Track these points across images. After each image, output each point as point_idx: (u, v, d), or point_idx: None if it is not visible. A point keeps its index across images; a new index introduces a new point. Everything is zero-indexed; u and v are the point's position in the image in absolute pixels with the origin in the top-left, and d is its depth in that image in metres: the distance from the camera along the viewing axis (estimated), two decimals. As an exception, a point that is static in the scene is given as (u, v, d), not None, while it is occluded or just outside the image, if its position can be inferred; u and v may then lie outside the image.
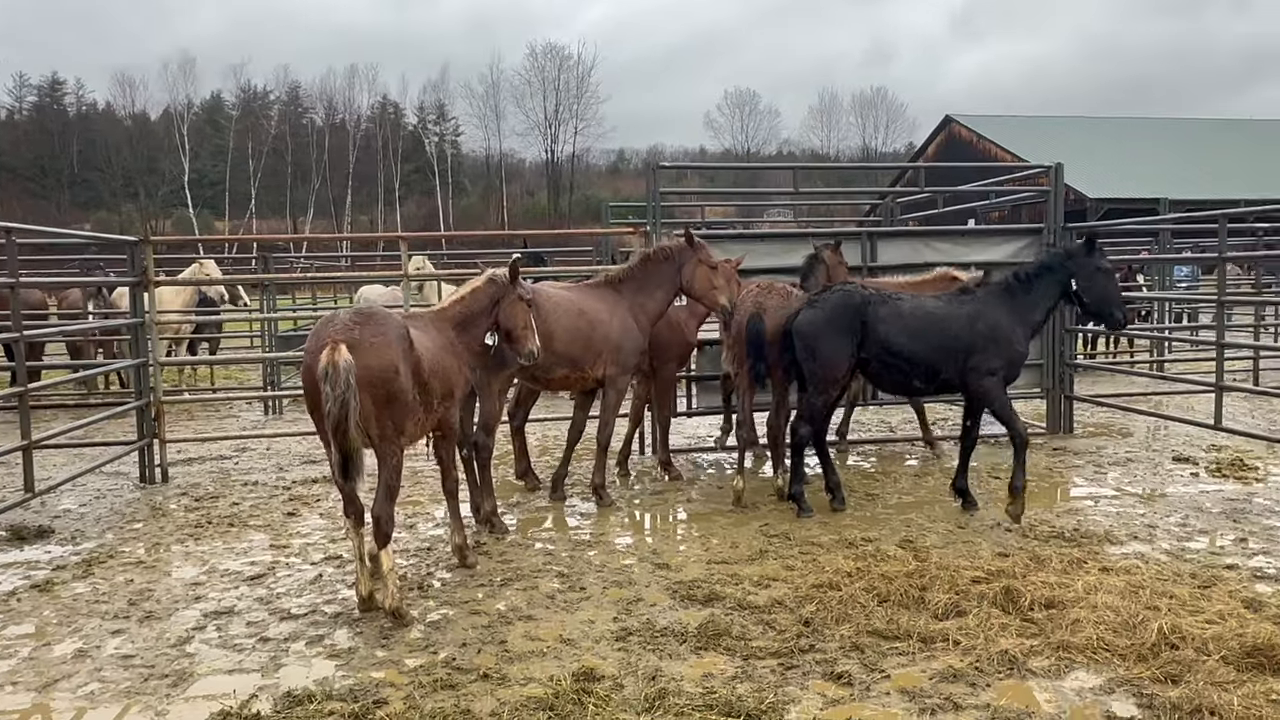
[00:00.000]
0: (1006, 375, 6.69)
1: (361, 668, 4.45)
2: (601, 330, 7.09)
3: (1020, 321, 6.67)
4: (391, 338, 4.92)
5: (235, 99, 72.24)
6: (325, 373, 4.57)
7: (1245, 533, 6.30)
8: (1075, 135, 37.06)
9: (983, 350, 6.54)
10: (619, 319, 7.19)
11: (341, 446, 4.63)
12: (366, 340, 4.79)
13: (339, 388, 4.53)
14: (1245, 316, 15.28)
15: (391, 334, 4.94)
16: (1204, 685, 3.93)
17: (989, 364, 6.55)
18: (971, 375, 6.60)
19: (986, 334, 6.56)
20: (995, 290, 6.79)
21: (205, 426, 11.93)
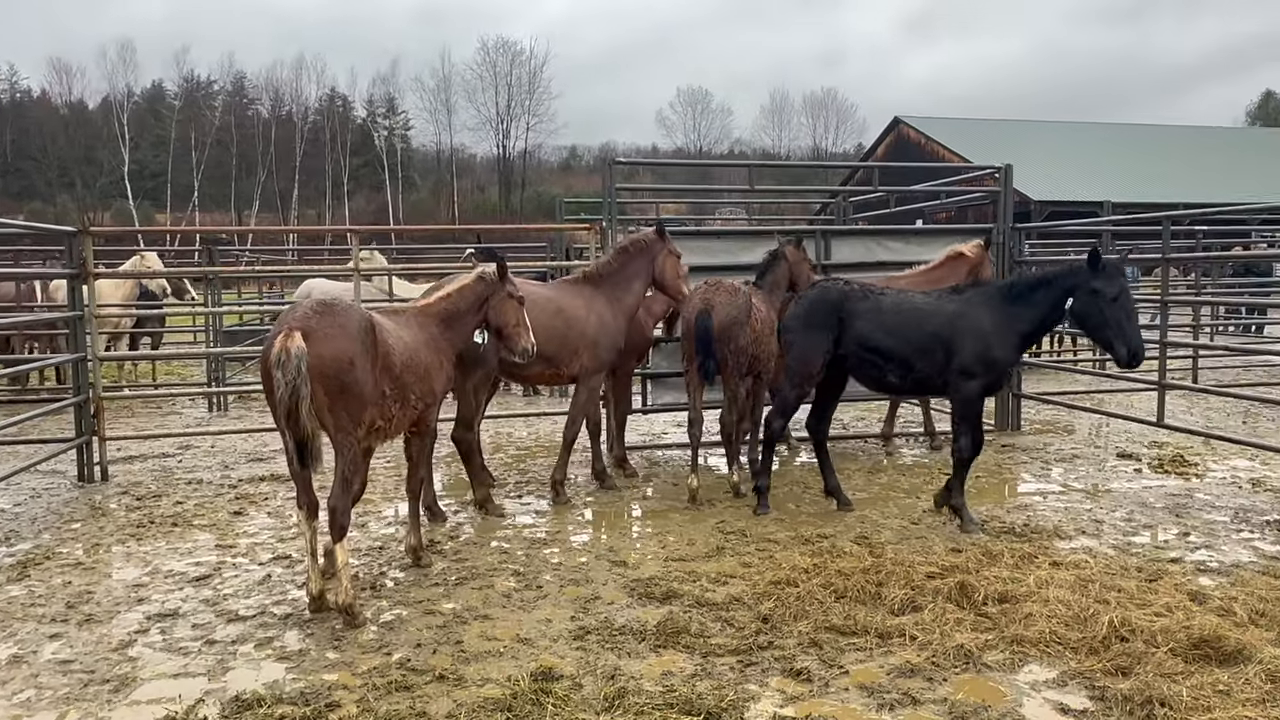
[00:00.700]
0: (988, 382, 6.47)
1: (313, 670, 4.34)
2: (578, 328, 7.11)
3: (1008, 328, 6.39)
4: (351, 330, 4.86)
5: (178, 88, 70.59)
6: (278, 359, 4.59)
7: (1187, 527, 6.46)
8: (1021, 138, 37.80)
9: (960, 351, 6.37)
10: (596, 315, 7.21)
11: (293, 433, 4.63)
12: (323, 329, 4.76)
13: (289, 374, 4.54)
14: (1183, 317, 15.69)
15: (351, 326, 4.88)
16: (1153, 677, 4.00)
17: (967, 366, 6.37)
18: (950, 376, 6.46)
19: (967, 334, 6.37)
20: (987, 292, 6.63)
21: (147, 423, 11.61)
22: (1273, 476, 7.92)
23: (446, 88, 73.20)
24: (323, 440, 4.84)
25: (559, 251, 14.11)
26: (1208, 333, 15.98)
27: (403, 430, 5.58)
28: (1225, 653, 4.18)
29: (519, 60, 73.37)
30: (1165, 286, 8.90)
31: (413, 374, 5.30)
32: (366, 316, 5.04)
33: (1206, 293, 14.79)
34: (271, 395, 4.74)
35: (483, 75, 73.10)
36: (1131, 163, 36.80)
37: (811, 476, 8.11)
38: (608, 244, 9.20)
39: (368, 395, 4.93)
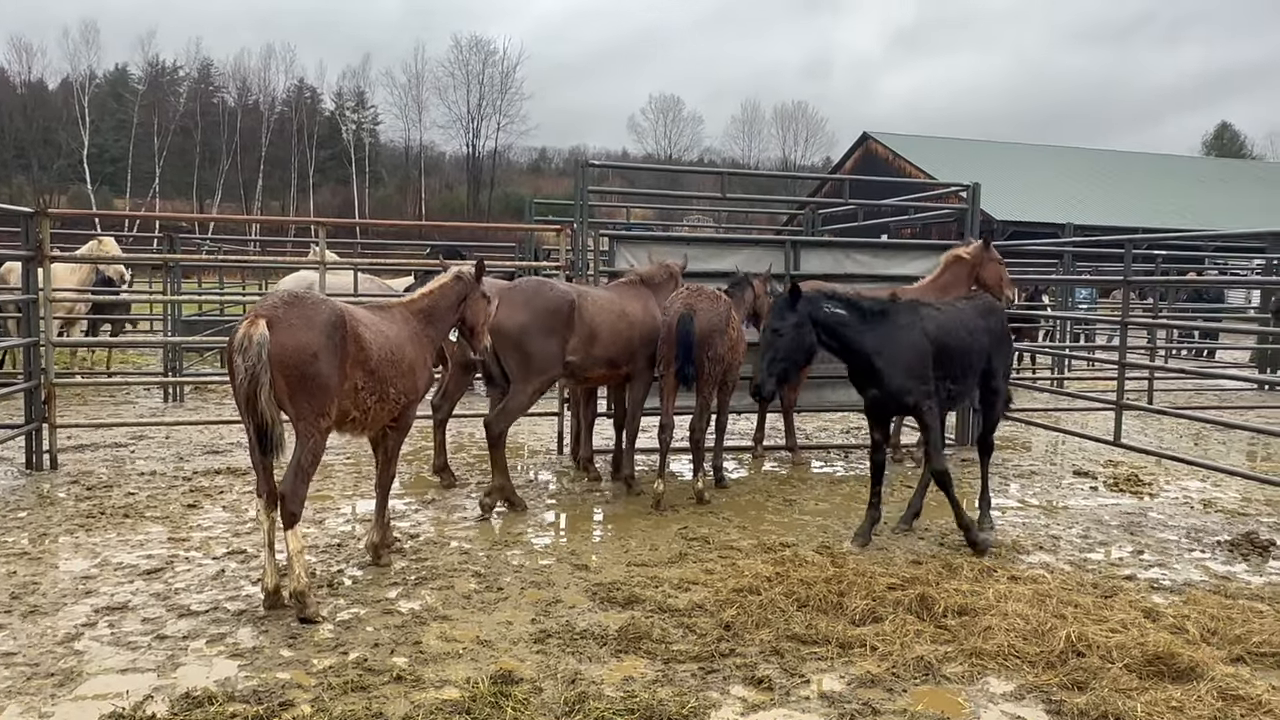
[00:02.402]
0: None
1: (266, 668, 4.25)
2: (638, 329, 7.42)
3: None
4: (317, 322, 4.84)
5: (142, 72, 69.19)
6: (241, 344, 4.64)
7: (1141, 545, 6.56)
8: (987, 158, 38.38)
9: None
10: (650, 316, 7.51)
11: (253, 420, 4.67)
12: (289, 320, 4.77)
13: (249, 360, 4.60)
14: (1139, 339, 16.02)
15: (319, 319, 4.86)
16: (1109, 692, 4.05)
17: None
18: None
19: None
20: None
21: (99, 412, 11.35)
22: (1223, 498, 8.08)
23: (418, 84, 72.65)
24: (285, 429, 4.78)
25: (528, 252, 14.04)
26: (1162, 355, 16.32)
27: (380, 424, 5.56)
28: (1178, 670, 4.24)
29: (492, 59, 73.05)
30: (1125, 308, 9.05)
31: (393, 369, 5.33)
32: (338, 310, 5.01)
33: (1163, 316, 15.09)
34: (234, 380, 4.75)
35: (454, 73, 72.63)
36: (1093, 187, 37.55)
37: (774, 485, 8.14)
38: (578, 246, 9.17)
39: (333, 388, 4.90)
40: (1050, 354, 16.09)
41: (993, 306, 6.85)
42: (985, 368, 6.57)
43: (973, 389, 6.63)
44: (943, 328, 6.27)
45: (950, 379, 6.27)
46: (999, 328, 6.71)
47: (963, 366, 6.34)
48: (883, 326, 6.06)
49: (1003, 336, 6.75)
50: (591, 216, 11.89)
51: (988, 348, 6.53)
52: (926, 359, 6.11)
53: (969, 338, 6.39)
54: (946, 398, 6.36)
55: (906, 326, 6.12)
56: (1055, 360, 16.03)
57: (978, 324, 6.51)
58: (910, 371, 6.05)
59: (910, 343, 6.08)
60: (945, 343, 6.21)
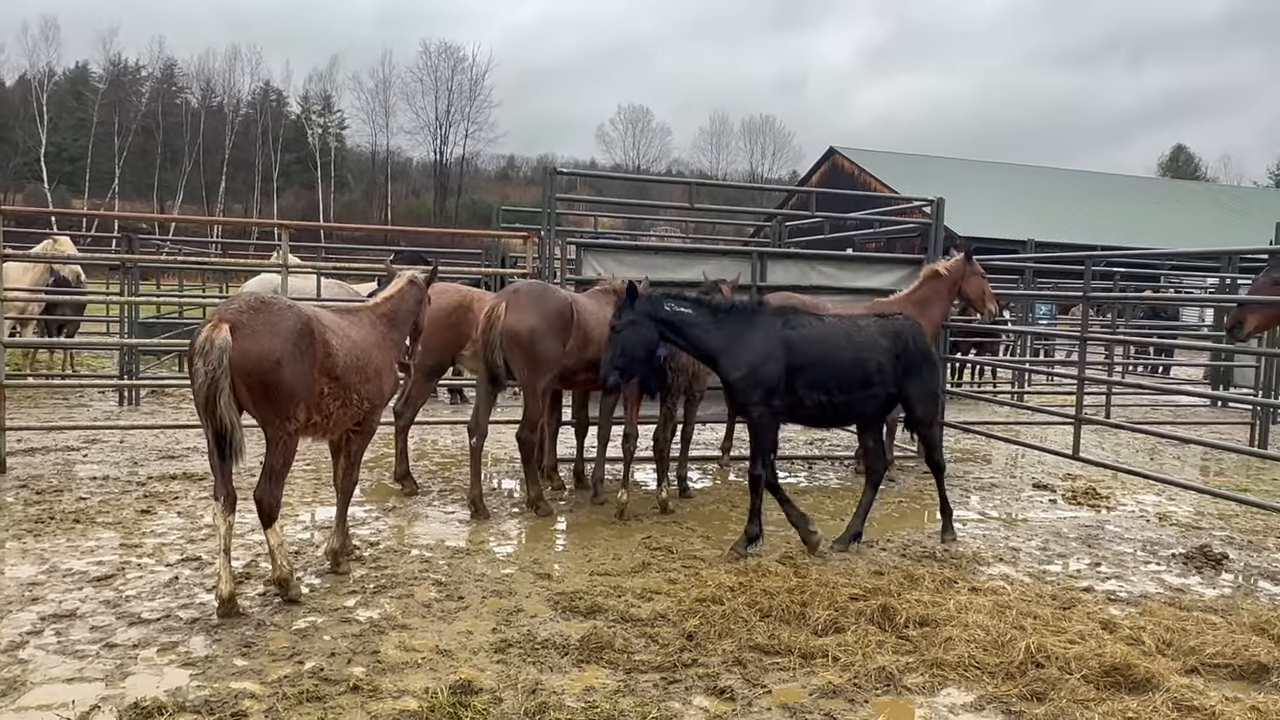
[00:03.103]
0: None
1: (219, 677, 4.15)
2: None
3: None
4: (283, 328, 4.79)
5: (103, 71, 68.02)
6: (202, 348, 4.59)
7: (1099, 557, 6.65)
8: (951, 175, 38.84)
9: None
10: None
11: (211, 424, 4.62)
12: (252, 326, 4.72)
13: (209, 364, 4.55)
14: (1097, 354, 16.27)
15: (285, 325, 4.81)
16: (1067, 703, 4.08)
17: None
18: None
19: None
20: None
21: (51, 415, 11.09)
22: (1178, 511, 8.22)
23: (385, 89, 72.20)
24: (244, 434, 4.71)
25: (495, 259, 13.97)
26: (1120, 371, 16.60)
27: (343, 429, 5.51)
28: (1135, 681, 4.29)
29: (461, 66, 72.81)
30: (1085, 324, 9.19)
31: (359, 374, 5.32)
32: (304, 317, 4.96)
33: (1121, 332, 15.35)
34: (194, 383, 4.68)
35: (423, 79, 72.30)
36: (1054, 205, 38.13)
37: (738, 495, 8.13)
38: (545, 254, 9.13)
39: (297, 394, 4.87)
40: (1011, 368, 16.28)
41: (904, 331, 6.60)
42: (894, 392, 6.47)
43: (866, 407, 6.46)
44: (811, 339, 6.23)
45: (822, 391, 6.21)
46: (911, 352, 6.51)
47: (840, 381, 6.24)
48: (735, 328, 6.13)
49: (917, 362, 6.52)
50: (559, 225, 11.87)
51: (890, 370, 6.40)
52: (777, 366, 6.09)
53: (852, 354, 6.28)
54: (818, 410, 6.31)
55: (762, 331, 6.14)
56: (1016, 374, 16.23)
57: (874, 343, 6.39)
58: (753, 375, 6.07)
59: (760, 347, 6.09)
60: (810, 354, 6.18)
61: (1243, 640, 4.76)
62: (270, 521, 4.97)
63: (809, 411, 6.34)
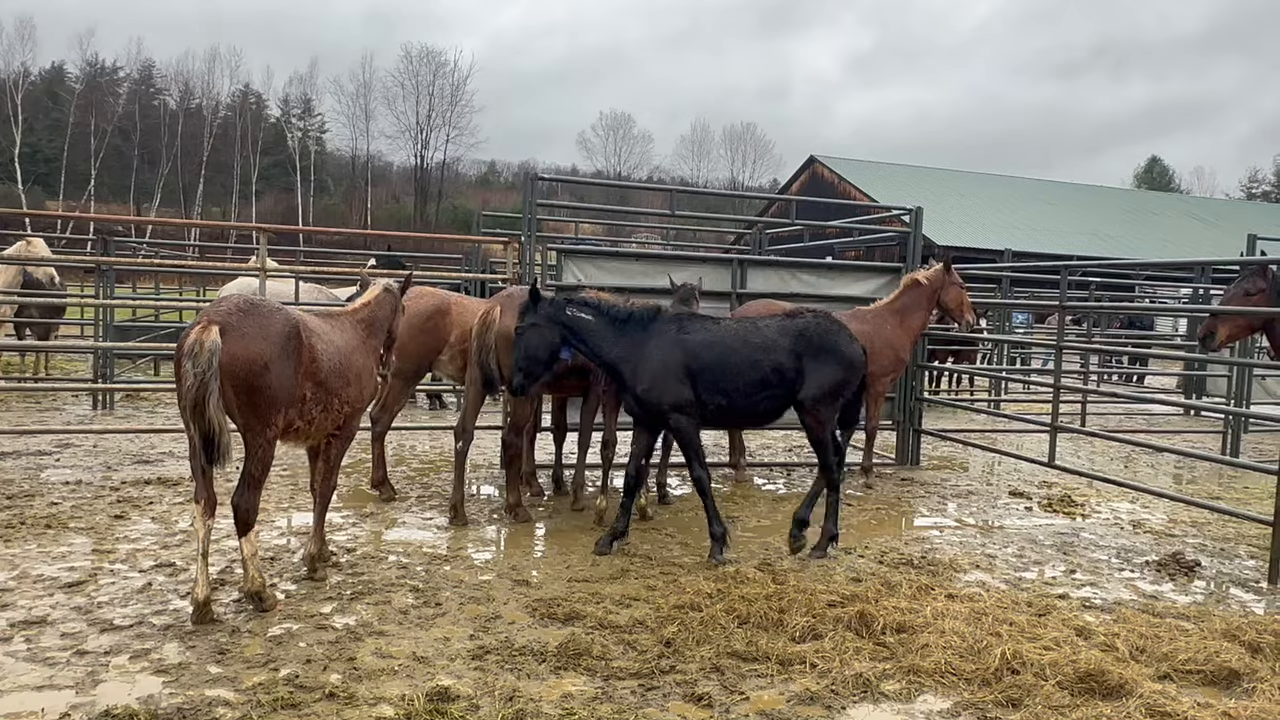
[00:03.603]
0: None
1: (193, 685, 4.11)
2: None
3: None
4: (272, 332, 4.77)
5: (80, 71, 67.37)
6: (191, 349, 4.53)
7: (1074, 564, 6.70)
8: (931, 184, 39.19)
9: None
10: None
11: (198, 427, 4.54)
12: (242, 328, 4.69)
13: (199, 366, 4.49)
14: (1073, 363, 16.44)
15: (274, 328, 4.79)
16: (1042, 709, 4.11)
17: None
18: None
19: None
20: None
21: (24, 418, 10.95)
22: (1151, 519, 8.30)
23: (366, 93, 71.89)
24: (231, 437, 4.66)
25: (475, 264, 13.93)
26: (1095, 379, 16.76)
27: (324, 434, 5.50)
28: (1109, 687, 4.32)
29: (442, 71, 72.65)
30: (1061, 333, 9.28)
31: (340, 379, 5.31)
32: (293, 320, 4.95)
33: (1096, 341, 15.50)
34: (180, 385, 4.62)
35: (404, 83, 72.03)
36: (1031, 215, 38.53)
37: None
38: (526, 260, 9.12)
39: (282, 399, 4.85)
40: (987, 376, 16.42)
41: (806, 329, 6.45)
42: (798, 391, 6.36)
43: (768, 407, 6.42)
44: (707, 342, 6.25)
45: (720, 394, 6.22)
46: (813, 350, 6.37)
47: (737, 383, 6.22)
48: (636, 335, 6.18)
49: (818, 360, 6.36)
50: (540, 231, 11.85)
51: (791, 369, 6.32)
52: (677, 371, 6.14)
53: (748, 355, 6.25)
54: (719, 412, 6.34)
55: (662, 337, 6.20)
56: (992, 382, 16.36)
57: (772, 344, 6.34)
58: (656, 381, 6.14)
59: (660, 353, 6.15)
60: (705, 358, 6.20)
61: (1214, 646, 4.81)
62: (246, 529, 4.91)
63: (710, 414, 6.36)
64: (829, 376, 6.40)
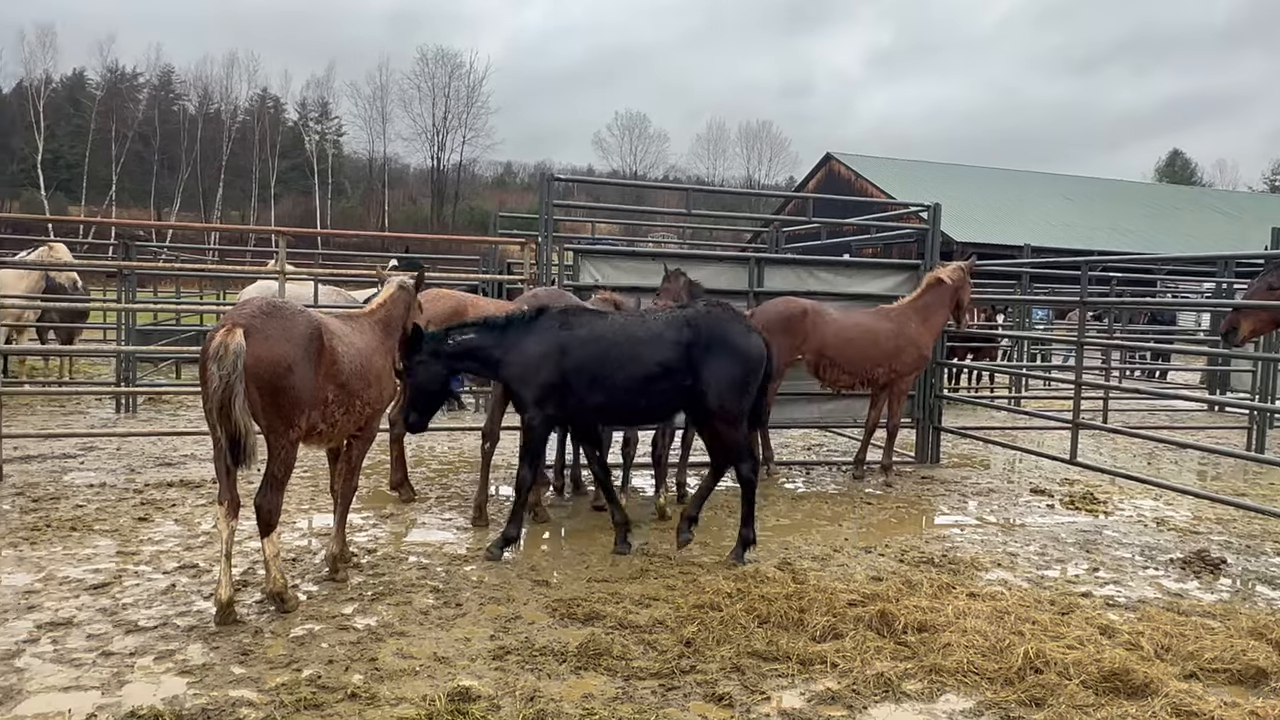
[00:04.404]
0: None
1: (216, 685, 4.14)
2: None
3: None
4: (296, 334, 4.82)
5: (100, 78, 68.08)
6: (216, 352, 4.58)
7: (1097, 562, 6.64)
8: (949, 180, 39.00)
9: None
10: None
11: (225, 429, 4.59)
12: (266, 330, 4.73)
13: (224, 369, 4.54)
14: (1095, 359, 16.31)
15: (297, 330, 4.84)
16: (1066, 708, 4.08)
17: None
18: None
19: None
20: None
21: (49, 422, 11.07)
22: (1175, 516, 8.22)
23: (383, 96, 72.28)
24: (256, 439, 4.71)
25: (492, 265, 13.97)
26: (1117, 375, 16.63)
27: (345, 436, 5.54)
28: (1133, 686, 4.29)
29: (458, 73, 72.92)
30: (1081, 329, 9.20)
31: (361, 381, 5.34)
32: (315, 323, 4.99)
33: (1118, 337, 15.37)
34: (206, 388, 4.67)
35: (420, 86, 72.41)
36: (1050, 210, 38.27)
37: (735, 501, 8.11)
38: (543, 260, 9.14)
39: (304, 400, 4.88)
40: (1007, 373, 16.31)
41: (695, 320, 6.14)
42: (690, 384, 6.08)
43: (656, 403, 6.22)
44: (586, 339, 6.08)
45: (601, 391, 6.08)
46: (704, 342, 6.05)
47: (619, 379, 6.04)
48: (515, 339, 6.13)
49: (711, 352, 6.04)
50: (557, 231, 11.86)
51: (681, 362, 6.05)
52: (551, 368, 6.04)
53: (630, 350, 6.05)
54: (601, 410, 6.24)
55: (539, 336, 6.11)
56: (1012, 379, 16.25)
57: (658, 337, 6.09)
58: (525, 380, 6.10)
59: (534, 352, 6.08)
60: (583, 354, 6.04)
61: (1241, 645, 4.76)
62: (269, 530, 4.96)
63: (592, 412, 6.27)
64: (725, 371, 6.04)
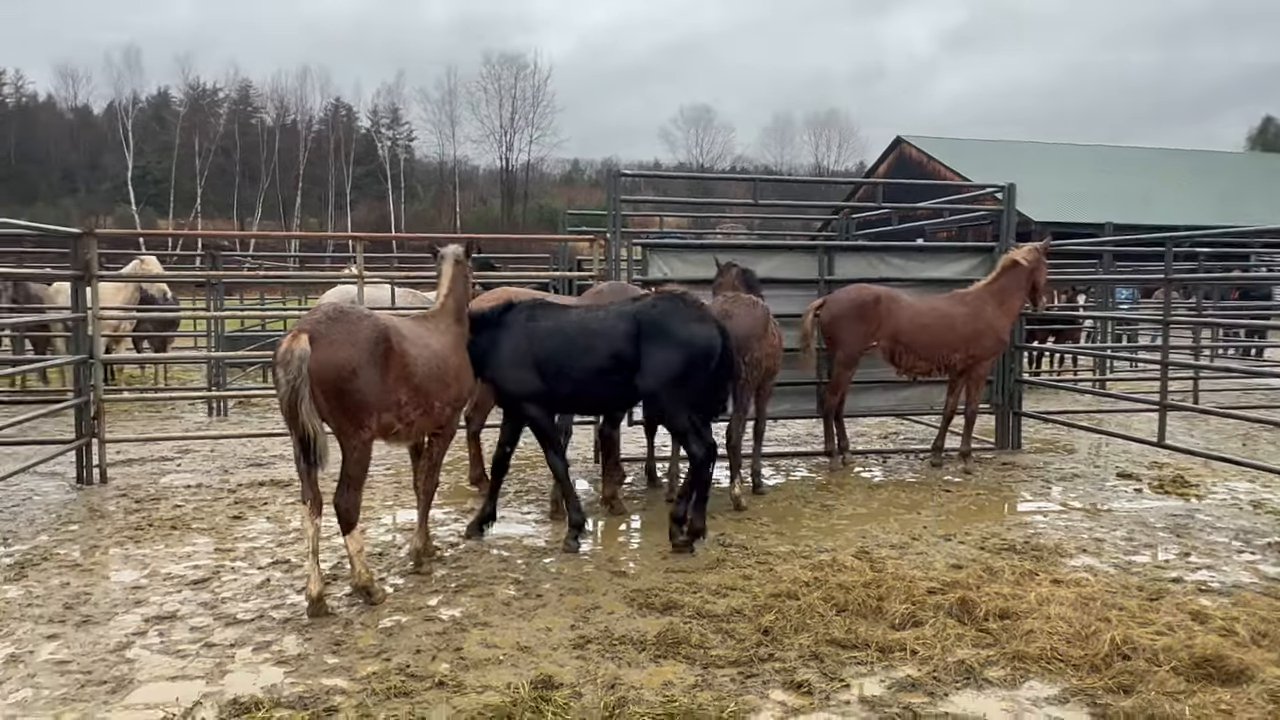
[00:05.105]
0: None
1: (311, 674, 4.32)
2: None
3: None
4: (359, 338, 4.94)
5: (183, 95, 70.71)
6: (283, 358, 4.76)
7: (1188, 547, 6.44)
8: (1023, 159, 37.91)
9: None
10: None
11: (295, 431, 4.81)
12: (330, 335, 4.88)
13: (290, 374, 4.73)
14: (1184, 338, 15.71)
15: (361, 335, 4.95)
16: (1156, 695, 3.99)
17: None
18: None
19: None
20: None
21: (146, 427, 11.60)
22: (1273, 499, 7.91)
23: (451, 100, 73.42)
24: (327, 440, 4.87)
25: (562, 262, 14.12)
26: (1208, 354, 16.01)
27: (424, 434, 5.67)
28: (1228, 672, 4.17)
29: (523, 74, 73.65)
30: (1167, 307, 8.90)
31: (438, 382, 5.44)
32: (381, 327, 5.09)
33: (1207, 314, 14.78)
34: (278, 392, 4.86)
35: (487, 88, 73.32)
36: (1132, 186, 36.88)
37: (811, 491, 8.09)
38: (611, 256, 9.22)
39: (372, 402, 5.00)
40: (1090, 355, 15.85)
41: (641, 312, 6.19)
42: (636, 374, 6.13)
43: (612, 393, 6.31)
44: (549, 331, 6.19)
45: (566, 380, 6.14)
46: (648, 333, 6.08)
47: (578, 370, 6.09)
48: (491, 335, 6.19)
49: (656, 343, 6.06)
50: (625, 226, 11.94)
51: (630, 353, 6.09)
52: (523, 360, 6.13)
53: (585, 341, 6.11)
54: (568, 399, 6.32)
55: (510, 330, 6.20)
56: (1096, 361, 15.78)
57: (610, 328, 6.16)
58: (504, 373, 6.17)
59: (508, 346, 6.15)
60: (548, 345, 6.15)
61: (1344, 630, 4.59)
62: (349, 528, 5.11)
63: (561, 401, 6.37)
64: (666, 360, 6.06)
